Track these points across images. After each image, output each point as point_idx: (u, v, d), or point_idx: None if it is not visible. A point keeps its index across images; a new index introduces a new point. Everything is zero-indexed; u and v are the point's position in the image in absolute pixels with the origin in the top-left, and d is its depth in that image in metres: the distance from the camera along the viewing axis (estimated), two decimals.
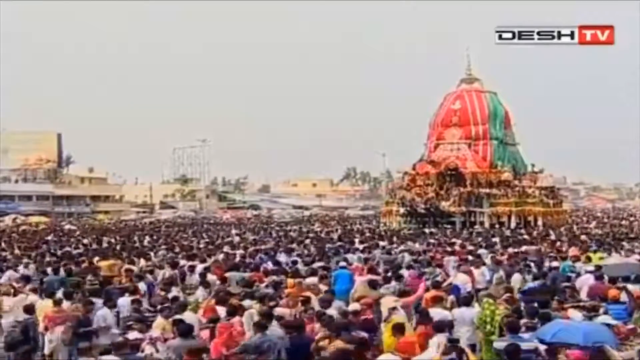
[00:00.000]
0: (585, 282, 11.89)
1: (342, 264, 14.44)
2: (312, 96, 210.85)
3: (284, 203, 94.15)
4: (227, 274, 12.79)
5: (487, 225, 36.21)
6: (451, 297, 10.70)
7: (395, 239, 24.36)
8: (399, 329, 8.03)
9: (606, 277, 11.62)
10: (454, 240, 23.32)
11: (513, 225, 36.22)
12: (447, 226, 35.41)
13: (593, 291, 10.94)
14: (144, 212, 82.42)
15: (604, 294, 10.11)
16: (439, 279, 12.25)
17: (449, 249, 19.05)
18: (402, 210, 38.91)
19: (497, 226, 35.42)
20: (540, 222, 37.25)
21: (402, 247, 20.02)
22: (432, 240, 23.22)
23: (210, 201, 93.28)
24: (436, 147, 40.51)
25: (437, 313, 8.74)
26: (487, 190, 37.96)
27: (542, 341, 7.24)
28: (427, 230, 32.56)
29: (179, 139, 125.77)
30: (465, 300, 9.68)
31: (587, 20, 21.31)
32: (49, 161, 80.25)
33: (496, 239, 23.03)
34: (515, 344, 6.94)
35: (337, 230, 34.08)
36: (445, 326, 7.73)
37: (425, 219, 37.82)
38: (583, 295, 11.21)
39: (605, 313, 9.08)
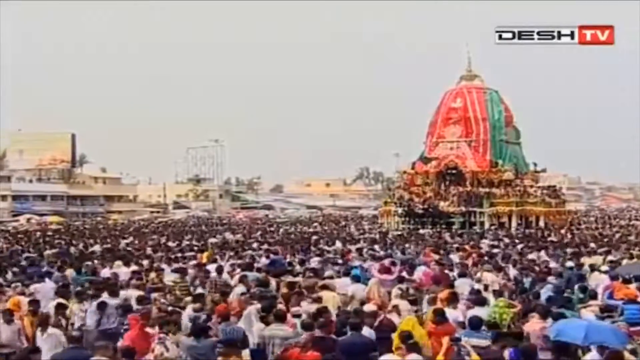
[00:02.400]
0: (601, 283, 11.80)
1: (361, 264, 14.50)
2: (325, 96, 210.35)
3: (297, 203, 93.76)
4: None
5: (487, 225, 35.38)
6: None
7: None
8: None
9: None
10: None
11: (514, 225, 35.38)
12: (444, 226, 34.62)
13: (607, 291, 10.86)
14: (157, 212, 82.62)
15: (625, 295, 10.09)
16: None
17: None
18: (400, 210, 38.10)
19: (494, 226, 34.55)
20: (542, 223, 36.27)
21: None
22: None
23: (223, 201, 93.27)
24: (436, 146, 39.65)
25: (448, 313, 8.83)
26: (487, 190, 37.05)
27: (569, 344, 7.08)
28: (421, 231, 31.84)
29: (193, 139, 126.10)
30: (479, 300, 9.59)
31: (587, 20, 21.59)
32: (63, 161, 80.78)
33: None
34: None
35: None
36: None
37: (424, 219, 36.98)
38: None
39: (621, 314, 9.05)
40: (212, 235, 28.80)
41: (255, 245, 22.32)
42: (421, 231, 31.99)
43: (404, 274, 12.77)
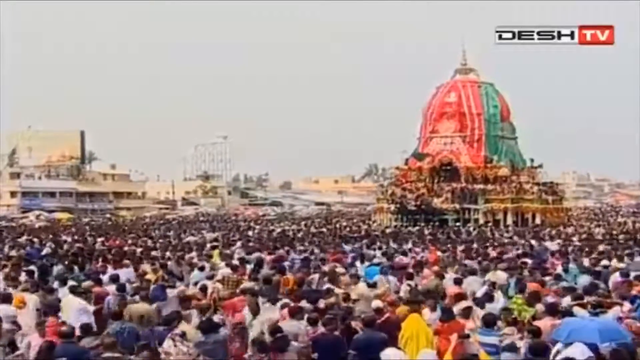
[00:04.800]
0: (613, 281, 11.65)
1: (376, 260, 14.62)
2: (334, 93, 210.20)
3: (305, 200, 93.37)
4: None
5: (481, 222, 34.58)
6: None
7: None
8: None
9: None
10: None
11: (510, 223, 34.53)
12: (438, 224, 33.88)
13: (618, 288, 10.69)
14: (166, 208, 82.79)
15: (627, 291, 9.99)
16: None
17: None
18: (392, 207, 37.38)
19: (490, 224, 33.79)
20: (538, 220, 35.35)
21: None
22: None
23: (232, 198, 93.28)
24: (430, 141, 38.79)
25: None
26: (482, 186, 36.20)
27: (558, 342, 7.06)
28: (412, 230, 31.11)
29: (201, 136, 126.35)
30: (487, 298, 9.60)
31: (587, 20, 22.39)
32: (72, 158, 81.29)
33: None
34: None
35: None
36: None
37: (416, 216, 36.28)
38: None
39: (636, 309, 8.95)
40: (192, 234, 28.31)
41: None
42: (409, 229, 31.34)
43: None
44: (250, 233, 29.15)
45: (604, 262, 13.89)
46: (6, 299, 9.70)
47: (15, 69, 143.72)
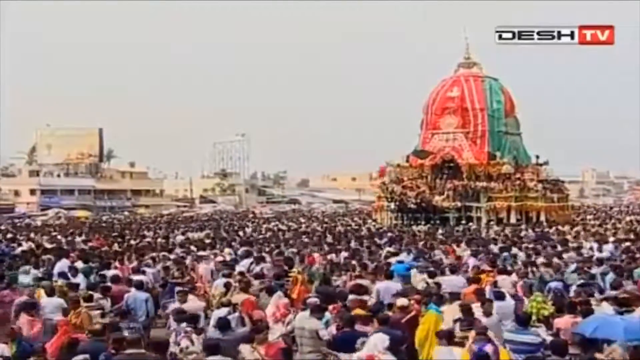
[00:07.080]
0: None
1: (399, 258, 14.67)
2: (351, 90, 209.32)
3: (323, 197, 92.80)
4: None
5: (484, 221, 33.52)
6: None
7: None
8: None
9: None
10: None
11: (513, 221, 33.36)
12: (439, 222, 32.96)
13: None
14: (184, 206, 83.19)
15: None
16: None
17: None
18: (392, 205, 36.47)
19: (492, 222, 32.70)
20: (542, 218, 34.09)
21: None
22: None
23: (250, 195, 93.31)
24: (431, 137, 37.70)
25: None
26: (485, 184, 35.03)
27: (582, 336, 7.28)
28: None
29: (219, 133, 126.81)
30: (500, 294, 9.60)
31: (587, 20, 21.60)
32: (91, 156, 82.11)
33: None
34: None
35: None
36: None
37: (417, 214, 35.34)
38: None
39: None
40: (181, 233, 27.86)
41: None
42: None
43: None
44: (240, 233, 28.55)
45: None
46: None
47: (33, 67, 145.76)
